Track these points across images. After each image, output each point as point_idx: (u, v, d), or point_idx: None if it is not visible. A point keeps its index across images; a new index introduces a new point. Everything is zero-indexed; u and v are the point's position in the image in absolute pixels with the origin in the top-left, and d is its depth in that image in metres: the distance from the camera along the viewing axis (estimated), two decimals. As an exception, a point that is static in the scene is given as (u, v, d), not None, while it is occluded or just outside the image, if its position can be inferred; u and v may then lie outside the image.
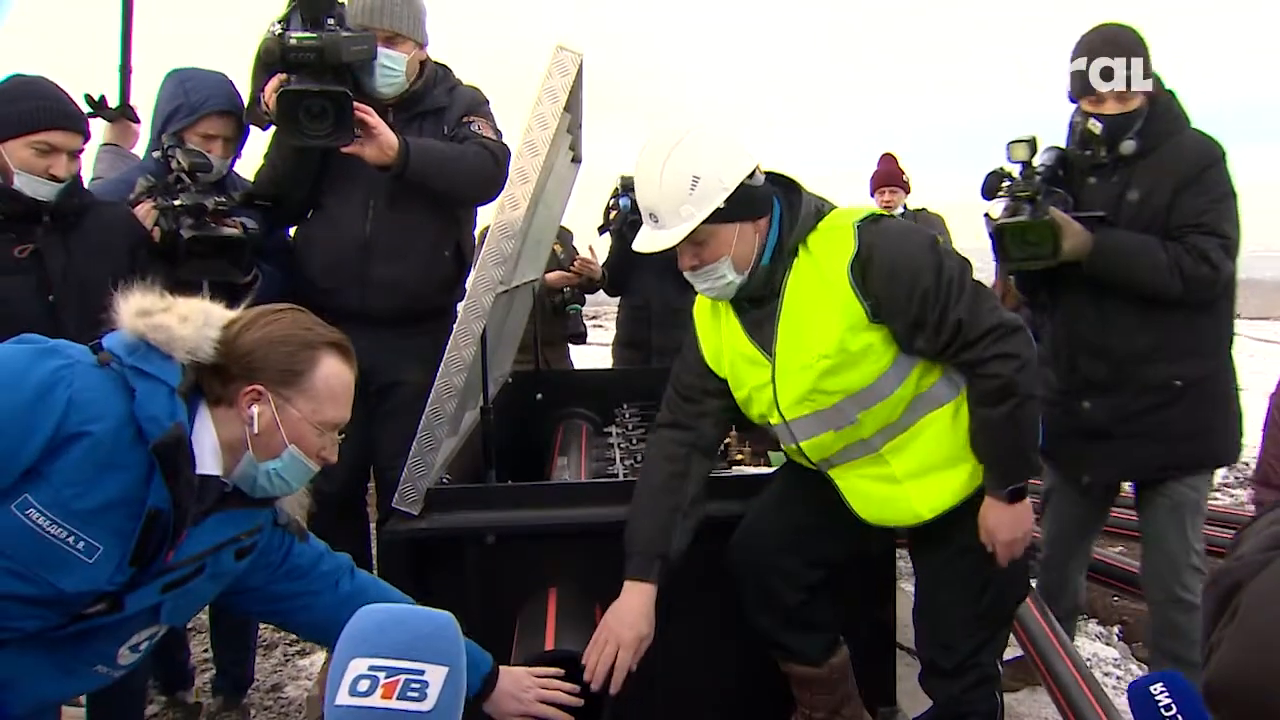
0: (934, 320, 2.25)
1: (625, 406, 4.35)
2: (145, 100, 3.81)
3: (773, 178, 2.39)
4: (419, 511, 2.73)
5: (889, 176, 6.23)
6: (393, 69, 3.05)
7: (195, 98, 3.10)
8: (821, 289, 2.30)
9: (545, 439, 4.32)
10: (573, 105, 3.28)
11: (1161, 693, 1.55)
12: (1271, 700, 0.61)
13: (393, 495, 2.72)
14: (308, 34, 2.82)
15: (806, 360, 2.31)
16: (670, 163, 2.24)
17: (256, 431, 1.79)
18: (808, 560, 2.56)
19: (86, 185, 2.88)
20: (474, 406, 3.29)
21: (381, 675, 0.94)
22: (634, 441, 3.86)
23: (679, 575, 2.72)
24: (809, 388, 2.33)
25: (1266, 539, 0.67)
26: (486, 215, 3.21)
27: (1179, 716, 1.53)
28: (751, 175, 2.29)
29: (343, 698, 0.94)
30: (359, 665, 0.95)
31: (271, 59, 2.81)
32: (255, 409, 1.79)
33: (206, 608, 3.45)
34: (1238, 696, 0.64)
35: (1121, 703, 3.69)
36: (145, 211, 2.85)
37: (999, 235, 3.00)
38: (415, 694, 0.94)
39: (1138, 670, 4.32)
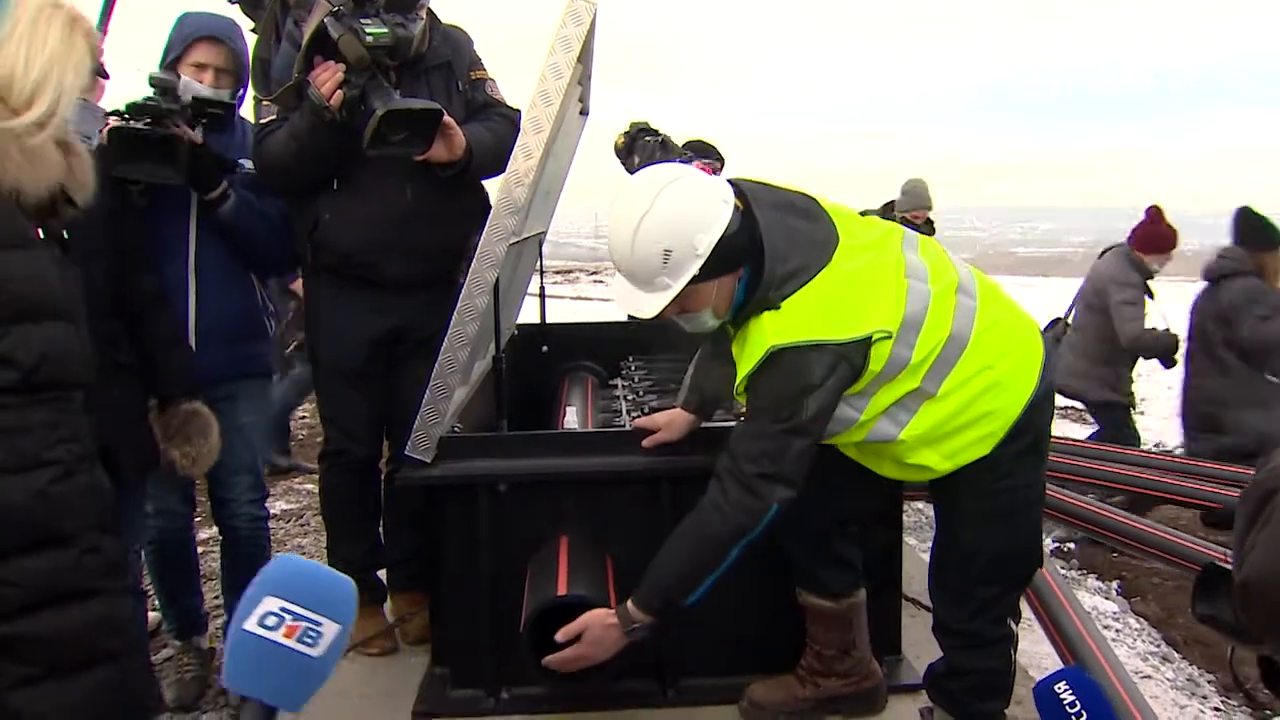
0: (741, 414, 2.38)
1: (631, 359, 4.37)
2: (115, 56, 3.75)
3: (744, 206, 2.35)
4: (432, 459, 2.75)
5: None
6: (412, 35, 3.01)
7: (187, 30, 3.05)
8: (738, 378, 2.36)
9: (550, 392, 4.35)
10: (585, 56, 3.26)
11: (1065, 690, 1.62)
12: None
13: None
14: (380, 29, 2.80)
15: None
16: (640, 235, 2.24)
17: None
18: (839, 493, 2.63)
19: None
20: (484, 356, 3.30)
21: (288, 617, 1.06)
22: (640, 394, 3.88)
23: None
24: None
25: None
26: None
27: (1083, 712, 1.60)
28: (726, 226, 2.27)
29: (250, 625, 1.06)
30: (271, 603, 1.06)
31: (362, 63, 2.79)
32: None
33: (219, 555, 3.52)
34: (1270, 592, 0.68)
35: (1121, 652, 3.75)
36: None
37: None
38: (310, 640, 1.07)
39: (1135, 624, 4.38)
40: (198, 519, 3.64)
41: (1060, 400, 9.14)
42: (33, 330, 1.87)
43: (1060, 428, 7.81)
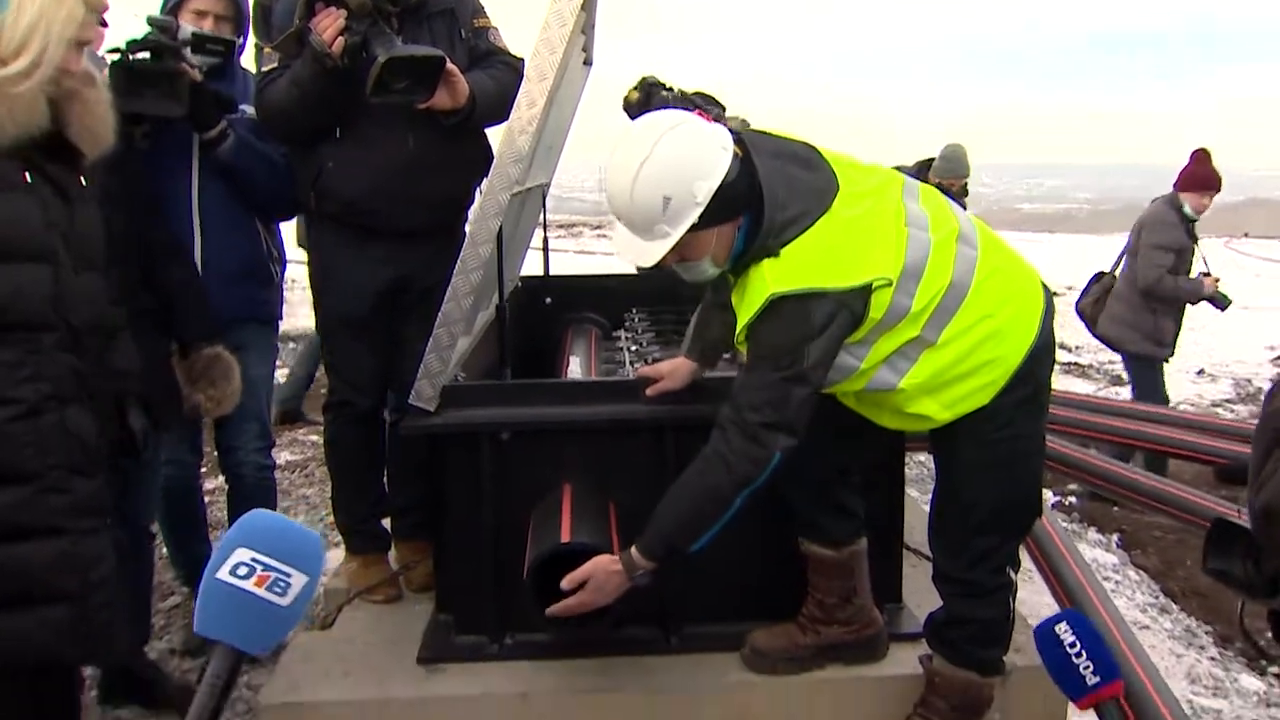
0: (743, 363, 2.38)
1: (635, 311, 4.36)
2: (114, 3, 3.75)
3: (744, 154, 2.32)
4: (435, 408, 2.76)
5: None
6: None
7: None
8: (739, 329, 2.36)
9: (554, 344, 4.35)
10: (588, 3, 3.23)
11: (1065, 631, 1.64)
12: None
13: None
14: None
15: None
16: (639, 183, 2.23)
17: None
18: (840, 444, 2.64)
19: None
20: (487, 307, 3.30)
21: (259, 568, 1.12)
22: (644, 345, 3.88)
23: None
24: None
25: None
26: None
27: (1082, 651, 1.62)
28: (725, 173, 2.25)
29: (223, 574, 1.13)
30: (243, 554, 1.13)
31: (363, 9, 2.76)
32: None
33: (225, 507, 3.55)
34: None
35: (1120, 603, 3.78)
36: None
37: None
38: (280, 590, 1.13)
39: (1135, 575, 4.41)
40: (204, 469, 3.67)
41: (1062, 355, 9.14)
42: (2, 272, 1.89)
43: (1064, 382, 7.84)
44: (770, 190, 2.29)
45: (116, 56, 2.81)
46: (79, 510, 1.97)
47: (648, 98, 5.08)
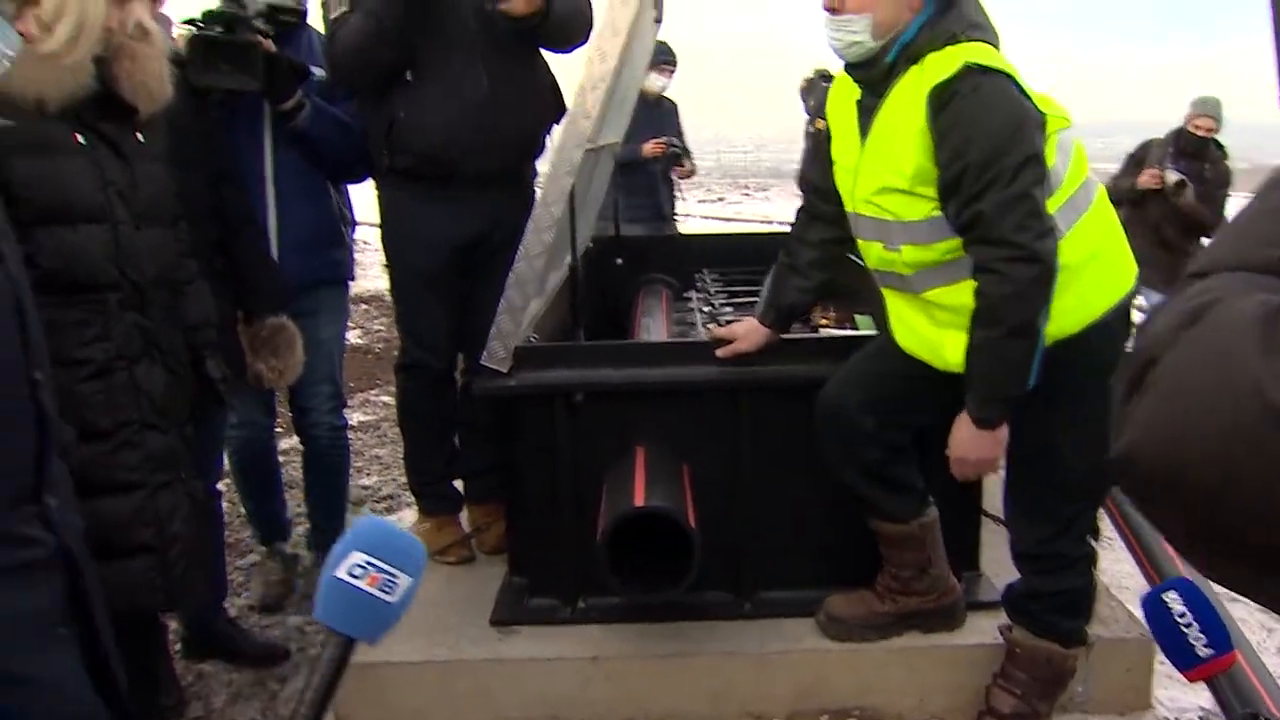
0: (963, 197, 2.20)
1: (706, 271, 4.31)
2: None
3: None
4: (508, 369, 2.74)
5: None
6: None
7: None
8: (911, 111, 2.26)
9: (624, 305, 4.31)
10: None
11: (1175, 600, 1.56)
12: (1182, 457, 0.57)
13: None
14: None
15: (877, 169, 2.34)
16: None
17: None
18: (889, 422, 2.55)
19: None
20: (559, 266, 3.27)
21: (372, 570, 1.25)
22: (716, 306, 3.82)
23: (768, 435, 2.74)
24: (872, 192, 2.37)
25: (1178, 317, 0.61)
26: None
27: (1193, 621, 1.55)
28: None
29: (340, 573, 1.25)
30: (359, 557, 1.25)
31: None
32: None
33: (301, 470, 3.59)
34: (1149, 460, 0.60)
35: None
36: (179, 35, 2.83)
37: None
38: (388, 589, 1.24)
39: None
40: (279, 429, 3.71)
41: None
42: (60, 234, 1.90)
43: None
44: (961, 9, 2.28)
45: (190, 30, 2.80)
46: (153, 465, 2.01)
47: (810, 87, 5.58)
